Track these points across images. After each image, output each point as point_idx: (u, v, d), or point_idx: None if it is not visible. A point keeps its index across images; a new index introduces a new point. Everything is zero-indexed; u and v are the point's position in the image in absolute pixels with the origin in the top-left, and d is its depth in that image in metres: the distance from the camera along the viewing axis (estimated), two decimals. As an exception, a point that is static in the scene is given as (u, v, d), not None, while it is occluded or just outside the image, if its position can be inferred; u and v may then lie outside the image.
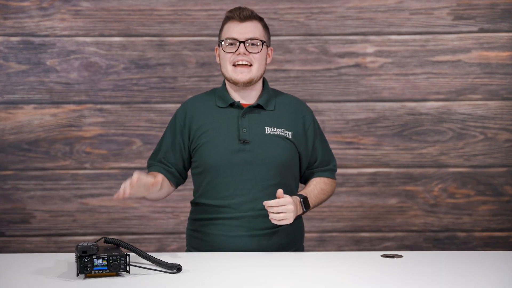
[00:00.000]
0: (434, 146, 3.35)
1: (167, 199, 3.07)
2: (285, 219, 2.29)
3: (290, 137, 2.43)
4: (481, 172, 3.35)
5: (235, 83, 2.42)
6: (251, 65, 2.40)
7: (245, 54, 2.39)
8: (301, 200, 2.37)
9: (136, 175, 2.17)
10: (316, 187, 2.47)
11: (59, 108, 3.32)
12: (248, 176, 2.38)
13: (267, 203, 2.28)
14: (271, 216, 2.28)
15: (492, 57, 3.32)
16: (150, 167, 2.49)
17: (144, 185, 2.21)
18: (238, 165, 2.38)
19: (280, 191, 2.29)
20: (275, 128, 2.42)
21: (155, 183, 2.21)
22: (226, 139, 2.39)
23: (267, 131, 2.41)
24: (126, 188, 2.15)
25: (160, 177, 2.24)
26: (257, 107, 2.44)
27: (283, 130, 2.43)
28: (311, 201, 2.42)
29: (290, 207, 2.29)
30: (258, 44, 2.40)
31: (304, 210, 2.39)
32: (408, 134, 3.35)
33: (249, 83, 2.41)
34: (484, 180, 3.35)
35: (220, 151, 2.38)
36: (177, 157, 2.46)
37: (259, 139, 2.40)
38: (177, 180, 2.49)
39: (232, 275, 2.08)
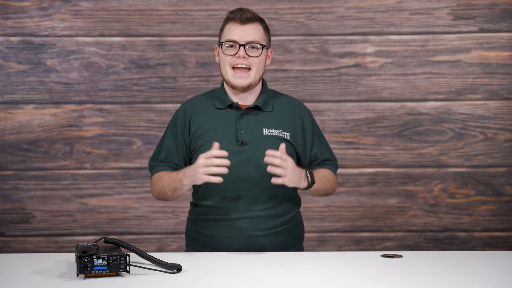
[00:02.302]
0: (434, 146, 3.35)
1: (167, 199, 3.08)
2: (284, 176, 2.23)
3: (288, 138, 2.43)
4: (481, 172, 3.36)
5: (233, 87, 2.42)
6: (249, 69, 2.40)
7: (244, 57, 2.38)
8: (307, 171, 2.34)
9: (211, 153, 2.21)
10: (320, 171, 2.44)
11: (59, 108, 3.32)
12: (246, 177, 2.37)
13: (269, 151, 2.23)
14: (269, 168, 2.23)
15: (492, 57, 3.33)
16: (154, 168, 2.48)
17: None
18: (236, 167, 2.37)
19: (282, 146, 2.25)
20: (273, 129, 2.42)
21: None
22: (224, 141, 2.39)
23: (265, 132, 2.41)
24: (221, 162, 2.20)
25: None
26: (255, 108, 2.44)
27: (281, 131, 2.42)
28: (316, 179, 2.38)
29: (290, 165, 2.25)
30: (258, 47, 2.40)
31: (309, 181, 2.33)
32: (408, 134, 3.35)
33: (247, 88, 2.41)
34: (484, 180, 3.36)
35: None
36: (180, 157, 2.45)
37: (257, 140, 2.39)
38: None
39: (232, 275, 2.08)
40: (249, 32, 2.39)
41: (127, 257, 2.02)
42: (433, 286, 1.97)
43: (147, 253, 2.13)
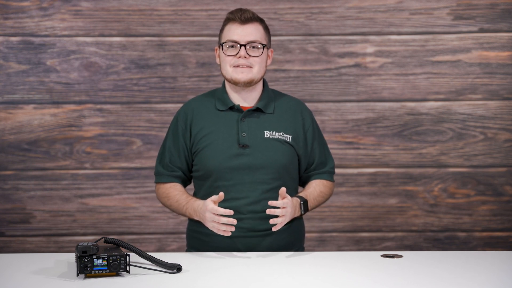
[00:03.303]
0: (434, 146, 3.35)
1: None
2: (280, 222, 2.29)
3: (290, 140, 2.43)
4: (481, 172, 3.35)
5: (235, 83, 2.41)
6: (251, 68, 2.40)
7: (245, 57, 2.38)
8: (301, 202, 2.38)
9: (211, 204, 2.26)
10: (315, 189, 2.47)
11: (59, 108, 3.32)
12: (248, 180, 2.38)
13: (273, 204, 2.28)
14: (272, 219, 2.28)
15: (492, 57, 3.32)
16: (159, 176, 2.49)
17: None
18: (238, 169, 2.38)
19: (283, 190, 2.29)
20: (274, 132, 2.42)
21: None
22: (226, 143, 2.39)
23: (266, 135, 2.41)
24: (228, 220, 2.25)
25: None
26: (256, 110, 2.44)
27: (283, 134, 2.43)
28: (310, 204, 2.43)
29: (288, 210, 2.29)
30: (259, 47, 2.40)
31: (302, 212, 2.39)
32: (408, 134, 3.35)
33: (249, 84, 2.41)
34: (484, 180, 3.35)
35: (219, 156, 2.38)
36: (182, 160, 2.46)
37: (259, 143, 2.40)
38: (185, 182, 2.51)
39: (232, 275, 2.08)
40: (249, 32, 2.39)
41: (127, 257, 2.02)
42: (433, 286, 1.97)
43: (147, 253, 2.13)
